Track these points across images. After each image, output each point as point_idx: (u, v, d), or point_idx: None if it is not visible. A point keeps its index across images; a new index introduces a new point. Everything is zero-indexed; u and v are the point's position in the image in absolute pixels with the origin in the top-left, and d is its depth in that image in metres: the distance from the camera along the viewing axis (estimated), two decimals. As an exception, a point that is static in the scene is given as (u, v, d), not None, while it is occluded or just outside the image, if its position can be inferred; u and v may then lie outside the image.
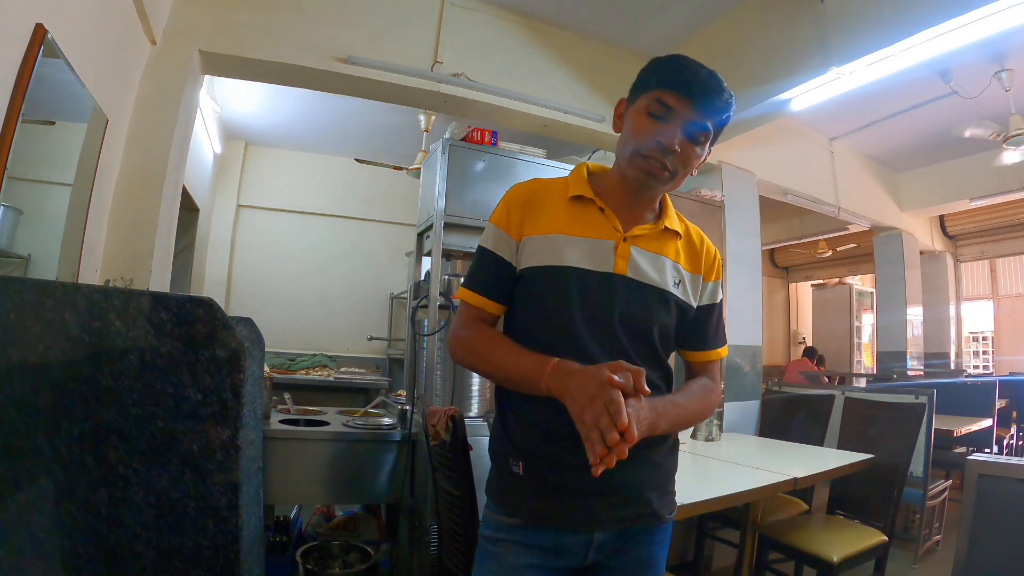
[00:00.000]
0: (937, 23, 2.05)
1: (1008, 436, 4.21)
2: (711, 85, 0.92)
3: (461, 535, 1.51)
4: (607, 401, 0.74)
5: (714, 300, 1.08)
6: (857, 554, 1.99)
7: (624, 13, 2.86)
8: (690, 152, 0.94)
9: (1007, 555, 1.23)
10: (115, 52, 1.93)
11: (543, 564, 0.96)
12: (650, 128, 0.93)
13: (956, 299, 6.41)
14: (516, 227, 1.00)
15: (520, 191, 1.03)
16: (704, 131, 0.93)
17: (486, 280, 1.01)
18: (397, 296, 4.97)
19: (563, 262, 0.95)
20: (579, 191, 1.00)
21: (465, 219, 2.25)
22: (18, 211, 1.51)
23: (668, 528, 1.03)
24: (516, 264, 1.00)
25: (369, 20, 2.62)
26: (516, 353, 0.93)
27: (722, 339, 1.10)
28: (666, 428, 0.90)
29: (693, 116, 0.92)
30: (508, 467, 0.98)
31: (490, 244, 1.01)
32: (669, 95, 0.91)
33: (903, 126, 4.10)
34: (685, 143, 0.93)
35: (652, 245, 1.00)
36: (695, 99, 0.91)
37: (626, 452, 0.73)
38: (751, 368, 3.36)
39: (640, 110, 0.95)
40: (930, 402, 2.89)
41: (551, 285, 0.96)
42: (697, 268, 1.05)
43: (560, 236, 0.97)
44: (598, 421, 0.74)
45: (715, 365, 1.10)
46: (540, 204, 1.01)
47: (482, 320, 1.02)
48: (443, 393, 2.18)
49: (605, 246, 0.97)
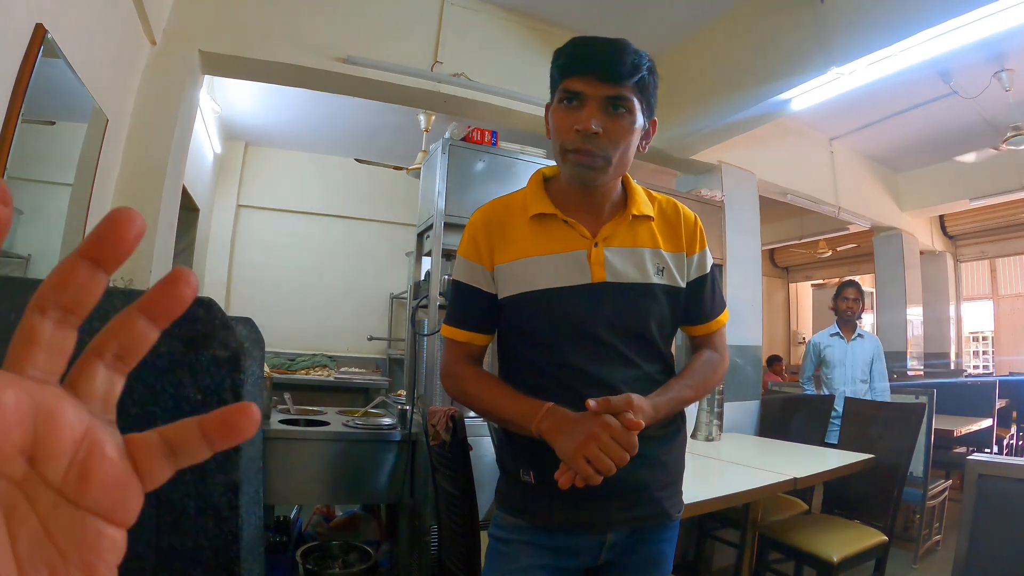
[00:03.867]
0: (937, 23, 2.05)
1: (1008, 436, 4.21)
2: (609, 51, 0.87)
3: (461, 535, 1.51)
4: (594, 458, 0.79)
5: (703, 271, 1.03)
6: (857, 554, 1.99)
7: (624, 13, 2.86)
8: (616, 128, 0.89)
9: (1007, 555, 1.23)
10: (115, 52, 1.93)
11: (555, 564, 0.96)
12: (566, 119, 0.90)
13: (956, 299, 6.41)
14: (487, 256, 0.98)
15: (482, 218, 1.01)
16: (620, 99, 0.88)
17: (468, 314, 1.01)
18: (397, 296, 4.97)
19: (537, 286, 0.94)
20: (538, 208, 0.97)
21: (465, 219, 2.23)
22: (18, 211, 1.51)
23: (676, 526, 1.04)
24: (495, 292, 0.98)
25: (369, 20, 2.61)
26: (507, 396, 0.94)
27: (720, 306, 1.07)
28: (666, 414, 0.93)
29: (603, 90, 0.87)
30: (518, 476, 0.98)
31: (464, 278, 1.00)
32: (573, 80, 0.89)
33: (903, 126, 4.10)
34: (605, 120, 0.88)
35: (626, 240, 0.97)
36: (596, 72, 0.87)
37: (598, 480, 0.80)
38: (751, 368, 3.36)
39: (556, 106, 0.92)
40: (930, 402, 2.90)
41: (531, 311, 0.95)
42: (679, 246, 1.01)
43: (530, 259, 0.95)
44: (583, 468, 0.80)
45: (717, 336, 1.07)
46: (504, 228, 0.98)
47: (471, 356, 1.02)
48: (443, 393, 2.18)
49: (578, 257, 0.95)
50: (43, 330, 0.21)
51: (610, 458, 0.79)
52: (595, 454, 0.79)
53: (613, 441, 0.79)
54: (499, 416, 0.95)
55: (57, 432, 0.20)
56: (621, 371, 0.94)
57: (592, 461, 0.79)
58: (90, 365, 0.22)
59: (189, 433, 0.23)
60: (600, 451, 0.79)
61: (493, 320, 1.01)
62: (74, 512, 0.21)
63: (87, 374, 0.22)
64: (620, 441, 0.79)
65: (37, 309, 0.21)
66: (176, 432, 0.23)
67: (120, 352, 0.22)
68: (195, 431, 0.23)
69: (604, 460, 0.79)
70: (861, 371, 3.26)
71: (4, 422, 0.19)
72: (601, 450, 0.79)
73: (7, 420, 0.19)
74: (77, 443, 0.21)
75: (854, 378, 3.24)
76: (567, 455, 0.81)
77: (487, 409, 0.97)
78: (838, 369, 3.31)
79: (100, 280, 0.21)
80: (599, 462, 0.79)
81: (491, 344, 1.06)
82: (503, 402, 0.93)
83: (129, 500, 0.22)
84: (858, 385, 3.23)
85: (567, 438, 0.82)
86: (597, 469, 0.79)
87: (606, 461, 0.79)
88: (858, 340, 3.32)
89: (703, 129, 2.95)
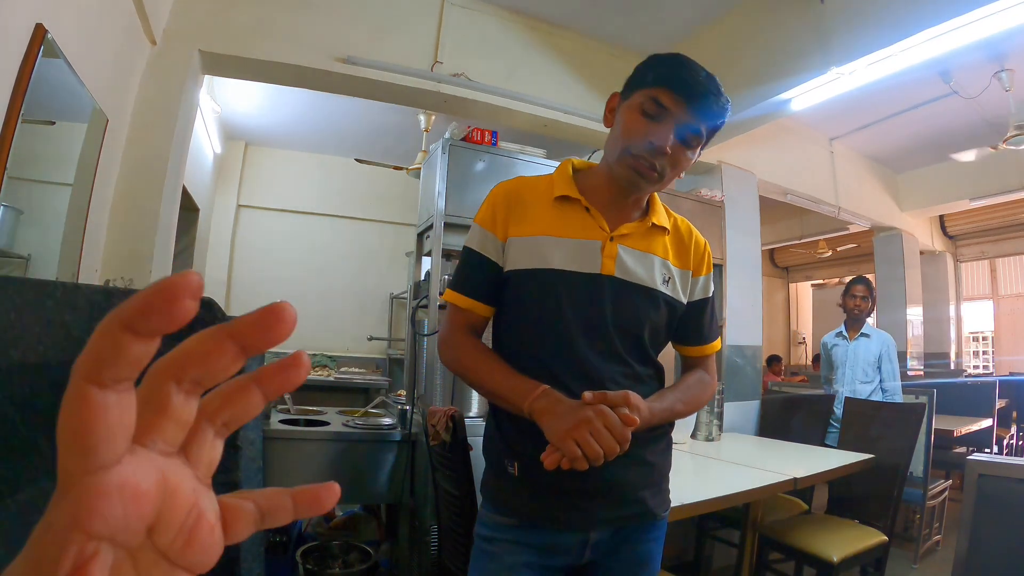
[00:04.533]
0: (937, 23, 2.05)
1: (1008, 436, 4.21)
2: (709, 88, 0.89)
3: (461, 535, 1.51)
4: (583, 442, 0.78)
5: (706, 295, 1.06)
6: (857, 554, 1.99)
7: (624, 13, 2.86)
8: (681, 155, 0.92)
9: (1007, 555, 1.23)
10: (115, 52, 1.93)
11: (539, 563, 0.96)
12: (643, 127, 0.91)
13: (956, 299, 6.41)
14: (501, 227, 0.98)
15: (505, 190, 1.01)
16: (697, 135, 0.91)
17: (473, 281, 1.00)
18: (397, 296, 4.97)
19: (549, 265, 0.94)
20: (564, 191, 0.98)
21: (465, 219, 2.25)
22: (18, 211, 1.51)
23: (663, 526, 1.03)
24: (503, 265, 0.98)
25: (369, 20, 2.61)
26: (502, 372, 0.93)
27: (716, 332, 1.10)
28: (659, 421, 0.92)
29: (688, 118, 0.89)
30: (503, 467, 0.98)
31: (476, 244, 1.00)
32: (665, 94, 0.89)
33: (903, 126, 4.10)
34: (677, 146, 0.91)
35: (640, 243, 0.99)
36: (691, 101, 0.89)
37: (584, 465, 0.79)
38: (751, 368, 3.36)
39: (634, 107, 0.92)
40: (930, 402, 2.89)
41: (538, 289, 0.95)
42: (686, 263, 1.03)
43: (545, 238, 0.96)
44: (571, 449, 0.79)
45: (710, 359, 1.10)
46: (525, 204, 0.99)
47: (471, 325, 1.01)
48: (443, 393, 2.18)
49: (592, 246, 0.96)
50: (176, 401, 0.21)
51: (600, 447, 0.78)
52: (585, 438, 0.78)
53: (606, 431, 0.78)
54: (491, 390, 0.94)
55: (176, 507, 0.21)
56: (612, 366, 0.95)
57: (581, 445, 0.78)
58: (202, 432, 0.22)
59: (281, 504, 0.24)
60: (591, 437, 0.78)
61: (495, 293, 1.00)
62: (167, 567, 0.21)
63: (199, 441, 0.22)
64: (614, 432, 0.78)
65: (172, 379, 0.20)
66: (269, 502, 0.24)
67: (229, 421, 0.23)
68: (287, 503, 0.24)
69: (593, 446, 0.77)
70: (863, 372, 3.13)
71: (145, 508, 0.20)
72: (593, 436, 0.78)
73: (148, 506, 0.20)
74: (188, 513, 0.21)
75: (854, 379, 3.13)
76: (556, 436, 0.80)
77: (481, 382, 0.96)
78: (840, 370, 3.21)
79: (240, 364, 0.21)
80: (588, 447, 0.78)
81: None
82: (498, 377, 0.93)
83: (214, 557, 0.22)
84: (858, 387, 3.10)
85: (559, 420, 0.81)
86: (585, 454, 0.78)
87: (595, 448, 0.77)
88: (862, 340, 3.17)
89: (703, 129, 2.94)
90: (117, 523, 0.19)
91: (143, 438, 0.20)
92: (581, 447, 0.78)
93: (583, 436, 0.78)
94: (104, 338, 0.18)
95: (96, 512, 0.19)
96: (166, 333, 0.19)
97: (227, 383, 0.22)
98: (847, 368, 3.19)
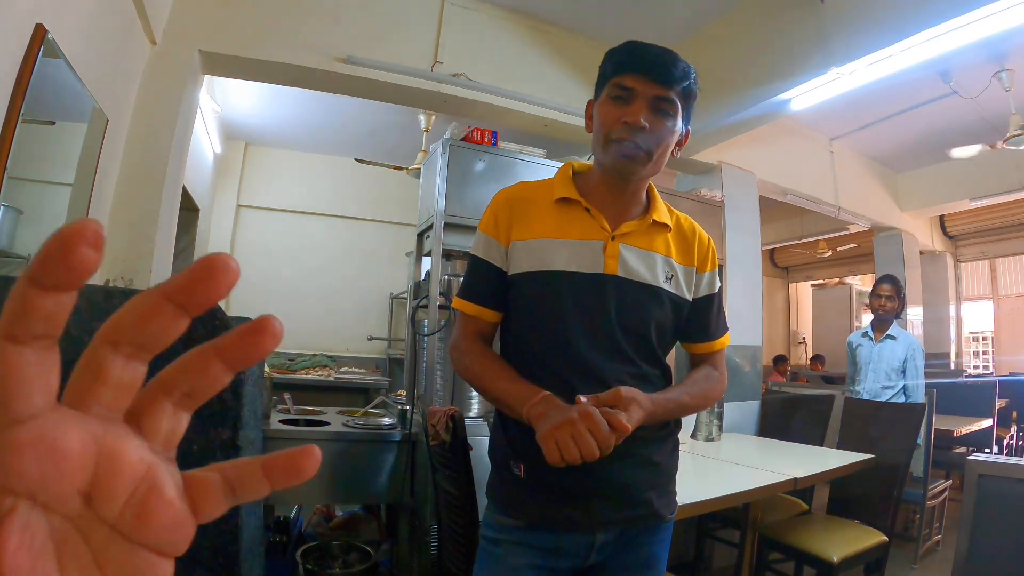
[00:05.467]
0: (937, 23, 2.05)
1: (1008, 436, 4.21)
2: (664, 57, 0.92)
3: (461, 535, 1.51)
4: (562, 443, 0.79)
5: (712, 290, 1.06)
6: (857, 554, 1.99)
7: (624, 12, 2.86)
8: (660, 127, 0.93)
9: (1007, 555, 1.23)
10: (115, 52, 1.93)
11: (545, 564, 0.96)
12: (615, 112, 0.93)
13: (956, 299, 6.41)
14: (504, 232, 1.00)
15: (506, 195, 1.03)
16: (669, 102, 0.92)
17: (479, 288, 1.02)
18: (397, 296, 4.97)
19: (552, 267, 0.96)
20: (564, 193, 1.00)
21: (465, 219, 2.25)
22: (18, 211, 1.51)
23: (669, 528, 1.03)
24: (507, 270, 1.00)
25: (369, 20, 2.61)
26: (507, 378, 0.94)
27: (723, 328, 1.10)
28: (663, 412, 0.92)
29: (654, 90, 0.91)
30: (509, 469, 0.98)
31: (480, 251, 1.02)
32: (626, 77, 0.92)
33: (903, 126, 4.10)
34: (651, 118, 0.92)
35: (642, 241, 0.99)
36: (651, 73, 0.91)
37: (561, 465, 0.80)
38: (751, 368, 3.36)
39: (604, 100, 0.95)
40: (930, 402, 2.89)
41: (542, 291, 0.96)
42: (690, 260, 1.04)
43: (547, 240, 0.97)
44: (551, 450, 0.80)
45: (718, 355, 1.09)
46: (527, 208, 1.00)
47: (479, 332, 1.02)
48: (443, 393, 2.18)
49: (594, 247, 0.97)
50: (113, 365, 0.20)
51: (579, 450, 0.78)
52: (565, 440, 0.78)
53: (588, 433, 0.78)
54: (495, 395, 0.95)
55: (117, 473, 0.20)
56: (617, 365, 0.95)
57: (560, 445, 0.79)
58: (156, 402, 0.21)
59: (251, 473, 0.23)
60: (571, 439, 0.78)
61: (501, 298, 1.01)
62: (127, 546, 0.20)
63: (153, 411, 0.21)
64: (596, 436, 0.78)
65: (108, 342, 0.20)
66: (238, 472, 0.23)
67: (190, 391, 0.22)
68: (257, 472, 0.23)
69: (571, 449, 0.78)
70: (886, 375, 3.01)
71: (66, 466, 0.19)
72: (573, 438, 0.78)
73: (69, 464, 0.19)
74: (136, 483, 0.20)
75: (876, 382, 3.02)
76: (539, 436, 0.82)
77: (486, 387, 0.98)
78: (863, 371, 3.12)
79: (182, 324, 0.20)
80: (566, 449, 0.78)
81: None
82: (502, 383, 0.94)
83: (182, 536, 0.21)
84: (880, 392, 2.96)
85: (545, 422, 0.83)
86: (563, 456, 0.79)
87: (573, 451, 0.78)
88: (888, 342, 3.04)
89: (703, 129, 2.94)
90: (33, 479, 0.18)
91: (79, 402, 0.20)
92: (560, 448, 0.79)
93: (563, 438, 0.79)
94: (14, 294, 0.18)
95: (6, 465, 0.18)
96: (70, 287, 0.18)
97: (187, 353, 0.21)
98: (870, 370, 3.09)
